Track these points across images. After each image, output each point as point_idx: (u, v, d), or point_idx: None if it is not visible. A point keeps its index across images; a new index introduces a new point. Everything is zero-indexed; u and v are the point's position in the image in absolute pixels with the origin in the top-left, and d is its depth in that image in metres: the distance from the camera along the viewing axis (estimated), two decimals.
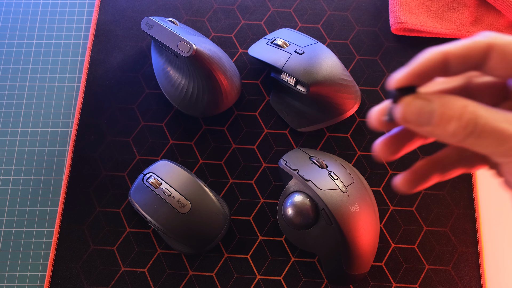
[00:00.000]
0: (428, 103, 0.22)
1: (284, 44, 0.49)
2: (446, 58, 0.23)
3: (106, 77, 0.53)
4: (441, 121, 0.22)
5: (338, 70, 0.49)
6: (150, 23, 0.48)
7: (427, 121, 0.22)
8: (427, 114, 0.22)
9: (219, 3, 0.56)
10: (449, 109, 0.21)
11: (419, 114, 0.22)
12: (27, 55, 0.54)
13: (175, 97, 0.48)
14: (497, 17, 0.54)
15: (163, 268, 0.46)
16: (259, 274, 0.46)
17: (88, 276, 0.46)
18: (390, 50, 0.54)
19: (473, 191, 0.48)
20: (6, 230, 0.48)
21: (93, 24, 0.55)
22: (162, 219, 0.44)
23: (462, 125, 0.21)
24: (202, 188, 0.46)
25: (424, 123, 0.22)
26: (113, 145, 0.50)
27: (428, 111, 0.22)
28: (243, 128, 0.51)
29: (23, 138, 0.51)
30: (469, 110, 0.21)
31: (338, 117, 0.50)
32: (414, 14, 0.54)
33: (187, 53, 0.45)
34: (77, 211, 0.48)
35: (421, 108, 0.22)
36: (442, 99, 0.22)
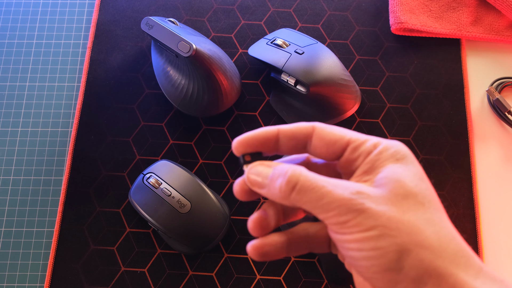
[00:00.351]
0: (267, 168, 0.27)
1: (284, 44, 0.49)
2: (277, 133, 0.28)
3: (106, 77, 0.53)
4: (272, 179, 0.26)
5: (338, 70, 0.49)
6: (150, 23, 0.48)
7: (263, 181, 0.26)
8: (265, 175, 0.26)
9: (219, 3, 0.56)
10: (279, 169, 0.26)
11: (259, 176, 0.27)
12: (27, 55, 0.54)
13: (175, 97, 0.48)
14: (497, 17, 0.54)
15: (163, 268, 0.46)
16: (259, 274, 0.46)
17: (88, 276, 0.46)
18: (390, 50, 0.54)
19: (473, 191, 0.48)
20: (6, 230, 0.48)
21: (93, 24, 0.55)
22: (162, 219, 0.44)
23: (286, 180, 0.25)
24: (202, 188, 0.46)
25: (262, 185, 0.26)
26: (113, 145, 0.50)
27: (266, 173, 0.26)
28: (243, 128, 0.51)
29: (23, 138, 0.51)
30: (292, 169, 0.25)
31: (338, 117, 0.50)
32: (414, 14, 0.54)
33: (187, 53, 0.45)
34: (77, 211, 0.48)
35: (261, 171, 0.27)
36: (277, 164, 0.27)
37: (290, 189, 0.25)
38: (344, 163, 0.27)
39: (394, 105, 0.51)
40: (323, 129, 0.27)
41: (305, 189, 0.25)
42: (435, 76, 0.53)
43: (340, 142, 0.27)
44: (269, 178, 0.26)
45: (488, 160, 0.50)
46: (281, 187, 0.25)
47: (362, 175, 0.26)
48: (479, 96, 0.52)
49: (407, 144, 0.50)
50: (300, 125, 0.28)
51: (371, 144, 0.26)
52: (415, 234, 0.23)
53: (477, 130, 0.51)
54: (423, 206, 0.24)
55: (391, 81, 0.52)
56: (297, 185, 0.25)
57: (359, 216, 0.23)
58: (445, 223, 0.24)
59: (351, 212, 0.24)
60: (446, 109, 0.51)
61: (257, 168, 0.27)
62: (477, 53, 0.54)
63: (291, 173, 0.25)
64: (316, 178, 0.25)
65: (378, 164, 0.25)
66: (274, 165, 0.27)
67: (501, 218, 0.48)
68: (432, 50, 0.54)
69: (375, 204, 0.24)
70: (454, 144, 0.50)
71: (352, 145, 0.26)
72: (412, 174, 0.25)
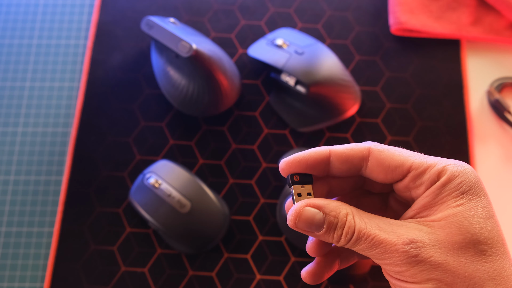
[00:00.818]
0: (318, 214, 0.24)
1: (284, 44, 0.49)
2: (329, 155, 0.26)
3: (107, 77, 0.53)
4: (327, 230, 0.24)
5: (338, 70, 0.49)
6: (150, 23, 0.48)
7: (316, 229, 0.25)
8: (318, 224, 0.24)
9: (219, 3, 0.56)
10: (333, 217, 0.24)
11: (311, 225, 0.25)
12: (28, 55, 0.54)
13: (175, 97, 0.49)
14: (497, 17, 0.54)
15: (163, 268, 0.46)
16: (259, 274, 0.46)
17: (88, 276, 0.46)
18: (390, 50, 0.54)
19: None
20: (6, 230, 0.48)
21: (93, 25, 0.55)
22: (162, 219, 0.44)
23: (344, 233, 0.24)
24: (202, 188, 0.46)
25: (313, 231, 0.25)
26: (113, 145, 0.50)
27: (318, 222, 0.24)
28: (243, 128, 0.51)
29: (24, 138, 0.51)
30: (349, 219, 0.24)
31: (338, 117, 0.50)
32: (413, 14, 0.54)
33: (187, 53, 0.45)
34: (77, 211, 0.48)
35: (312, 219, 0.24)
36: (327, 204, 0.25)
37: (347, 241, 0.24)
38: (402, 188, 0.26)
39: (394, 105, 0.51)
40: (382, 153, 0.25)
41: (359, 239, 0.24)
42: (435, 76, 0.53)
43: (401, 169, 0.25)
44: (324, 229, 0.24)
45: (488, 160, 0.50)
46: (338, 239, 0.24)
47: (420, 210, 0.24)
48: (479, 96, 0.52)
49: (407, 144, 0.50)
50: (355, 147, 0.26)
51: (435, 172, 0.24)
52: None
53: (477, 130, 0.51)
54: (484, 255, 0.23)
55: (391, 81, 0.52)
56: (354, 235, 0.24)
57: (412, 268, 0.22)
58: (507, 272, 0.23)
59: (404, 264, 0.23)
60: (446, 109, 0.51)
61: (307, 212, 0.24)
62: (477, 53, 0.54)
63: (347, 226, 0.24)
64: (368, 224, 0.24)
65: (439, 200, 0.24)
66: (324, 206, 0.25)
67: (501, 218, 0.48)
68: (432, 50, 0.54)
69: (430, 254, 0.22)
70: (454, 144, 0.50)
71: (413, 173, 0.24)
72: (476, 214, 0.23)
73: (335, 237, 0.24)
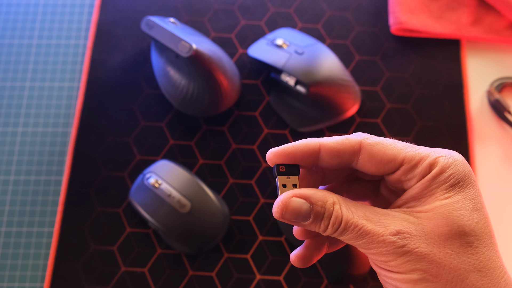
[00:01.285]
0: (304, 204, 0.24)
1: (284, 44, 0.49)
2: (319, 148, 0.25)
3: (107, 77, 0.53)
4: (314, 221, 0.24)
5: (338, 70, 0.49)
6: (150, 23, 0.48)
7: (303, 219, 0.24)
8: (304, 215, 0.24)
9: (219, 3, 0.56)
10: (319, 207, 0.24)
11: (298, 216, 0.24)
12: (28, 55, 0.54)
13: (175, 97, 0.49)
14: (497, 17, 0.54)
15: (163, 268, 0.46)
16: (259, 274, 0.46)
17: (88, 276, 0.46)
18: (390, 50, 0.54)
19: None
20: (6, 230, 0.48)
21: (93, 25, 0.55)
22: (162, 219, 0.44)
23: (330, 223, 0.24)
24: (202, 188, 0.46)
25: (300, 221, 0.25)
26: (113, 145, 0.50)
27: (305, 213, 0.24)
28: (243, 128, 0.51)
29: (24, 138, 0.51)
30: (336, 209, 0.24)
31: (338, 117, 0.50)
32: (413, 14, 0.54)
33: (187, 53, 0.45)
34: (77, 211, 0.48)
35: (298, 209, 0.24)
36: (313, 193, 0.24)
37: (333, 231, 0.24)
38: (394, 181, 0.26)
39: (394, 105, 0.51)
40: (373, 146, 0.25)
41: (346, 229, 0.24)
42: (435, 76, 0.53)
43: (394, 163, 0.25)
44: (311, 219, 0.24)
45: (488, 160, 0.50)
46: (324, 229, 0.24)
47: (409, 200, 0.25)
48: (479, 96, 0.52)
49: None
50: (345, 141, 0.25)
51: (427, 165, 0.24)
52: (456, 282, 0.22)
53: (477, 130, 0.51)
54: (471, 247, 0.23)
55: (391, 81, 0.52)
56: (341, 225, 0.24)
57: (398, 258, 0.23)
58: (494, 264, 0.23)
59: (390, 254, 0.23)
60: (446, 109, 0.51)
61: (293, 203, 0.24)
62: (477, 53, 0.54)
63: (334, 216, 0.24)
64: (355, 214, 0.24)
65: (428, 192, 0.24)
66: (310, 195, 0.24)
67: (501, 218, 0.48)
68: (432, 50, 0.54)
69: (416, 245, 0.22)
70: (454, 144, 0.50)
71: (406, 166, 0.24)
72: (463, 206, 0.23)
73: (322, 227, 0.24)
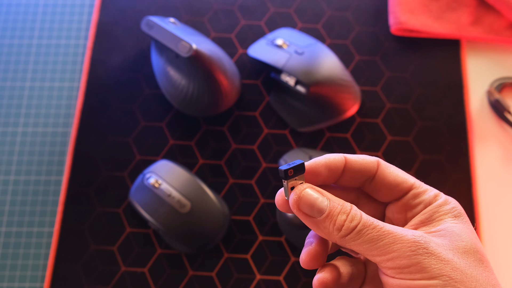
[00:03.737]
0: (321, 197, 0.24)
1: (284, 44, 0.49)
2: (345, 160, 0.26)
3: (107, 77, 0.53)
4: (330, 214, 0.24)
5: (338, 70, 0.49)
6: (150, 23, 0.48)
7: (318, 212, 0.24)
8: (320, 208, 0.24)
9: (219, 3, 0.56)
10: (337, 203, 0.24)
11: (313, 207, 0.24)
12: (28, 55, 0.54)
13: (175, 97, 0.49)
14: (497, 17, 0.54)
15: (163, 268, 0.46)
16: (259, 274, 0.46)
17: (88, 276, 0.46)
18: (390, 50, 0.54)
19: (473, 191, 0.48)
20: (6, 230, 0.48)
21: (93, 25, 0.55)
22: (162, 219, 0.44)
23: (349, 217, 0.23)
24: (202, 188, 0.46)
25: (315, 214, 0.24)
26: (113, 145, 0.50)
27: (321, 205, 0.24)
28: (243, 128, 0.51)
29: (24, 138, 0.51)
30: (354, 209, 0.24)
31: (338, 117, 0.50)
32: (413, 14, 0.54)
33: (187, 53, 0.45)
34: (77, 211, 0.48)
35: (314, 201, 0.24)
36: (332, 197, 0.24)
37: (349, 231, 0.23)
38: (399, 207, 0.26)
39: (394, 105, 0.51)
40: (388, 167, 0.26)
41: (366, 227, 0.23)
42: (435, 76, 0.53)
43: (403, 185, 0.25)
44: (327, 212, 0.24)
45: (488, 160, 0.50)
46: (340, 226, 0.23)
47: (419, 224, 0.25)
48: (479, 96, 0.52)
49: (407, 144, 0.50)
50: (366, 157, 0.26)
51: (432, 194, 0.25)
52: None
53: (477, 130, 0.51)
54: (483, 264, 0.23)
55: (391, 81, 0.52)
56: (359, 224, 0.23)
57: (423, 260, 0.22)
58: (499, 286, 0.24)
59: (415, 255, 0.22)
60: (446, 109, 0.51)
61: (309, 194, 0.24)
62: (477, 53, 0.54)
63: (352, 214, 0.23)
64: (377, 221, 0.23)
65: (437, 216, 0.25)
66: (328, 195, 0.24)
67: (501, 218, 0.48)
68: (432, 50, 0.54)
69: (439, 250, 0.22)
70: (454, 144, 0.50)
71: (414, 191, 0.25)
72: (469, 232, 0.24)
73: (337, 223, 0.23)
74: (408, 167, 0.49)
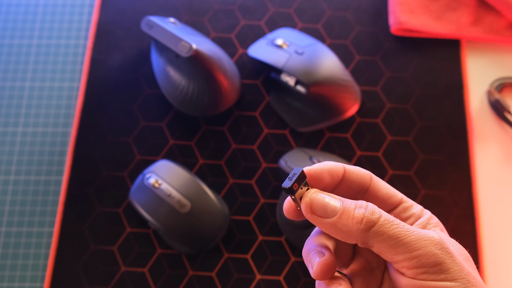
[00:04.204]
0: (332, 197, 0.24)
1: (284, 44, 0.49)
2: (344, 169, 0.26)
3: (107, 77, 0.53)
4: (346, 210, 0.23)
5: (338, 70, 0.49)
6: (150, 23, 0.48)
7: (332, 211, 0.23)
8: (333, 204, 0.24)
9: (219, 3, 0.56)
10: (350, 201, 0.24)
11: (325, 206, 0.24)
12: (28, 55, 0.54)
13: (175, 97, 0.49)
14: (497, 17, 0.54)
15: (163, 268, 0.46)
16: (259, 274, 0.46)
17: (88, 276, 0.46)
18: (390, 50, 0.54)
19: (473, 191, 0.48)
20: (6, 230, 0.48)
21: (93, 25, 0.55)
22: (162, 219, 0.44)
23: (368, 211, 0.23)
24: (202, 188, 0.46)
25: (329, 214, 0.24)
26: (113, 145, 0.50)
27: (333, 205, 0.24)
28: (243, 128, 0.51)
29: (24, 138, 0.51)
30: (372, 205, 0.24)
31: (338, 117, 0.50)
32: (413, 14, 0.54)
33: (187, 53, 0.45)
34: (77, 211, 0.48)
35: (328, 200, 0.24)
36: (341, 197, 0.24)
37: (373, 221, 0.23)
38: None
39: (394, 105, 0.51)
40: (379, 181, 0.26)
41: (389, 222, 0.23)
42: (435, 76, 0.53)
43: (394, 199, 0.26)
44: (342, 209, 0.23)
45: (488, 160, 0.50)
46: (360, 218, 0.23)
47: None
48: (479, 96, 0.52)
49: (407, 144, 0.50)
50: (362, 169, 0.26)
51: (420, 208, 0.26)
52: None
53: (477, 130, 0.51)
54: (476, 270, 0.24)
55: (391, 81, 0.52)
56: (381, 218, 0.23)
57: (447, 260, 0.22)
58: None
59: (441, 255, 0.22)
60: (446, 109, 0.51)
61: (321, 197, 0.24)
62: (477, 53, 0.54)
63: (371, 205, 0.23)
64: (395, 219, 0.23)
65: (429, 228, 0.25)
66: (338, 196, 0.24)
67: (501, 218, 0.48)
68: (432, 50, 0.54)
69: (456, 253, 0.23)
70: (454, 144, 0.50)
71: (403, 205, 0.26)
72: (459, 245, 0.25)
73: (356, 216, 0.23)
74: (408, 167, 0.49)
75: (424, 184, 0.49)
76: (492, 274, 0.46)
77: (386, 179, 0.49)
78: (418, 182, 0.49)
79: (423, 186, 0.49)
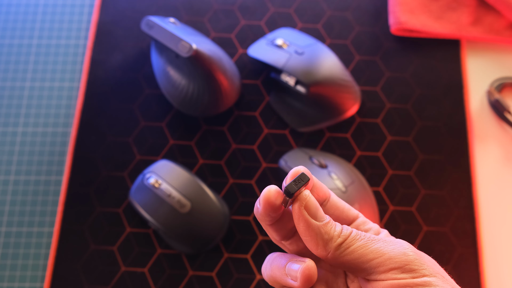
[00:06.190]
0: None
1: (284, 44, 0.49)
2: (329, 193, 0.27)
3: (107, 77, 0.53)
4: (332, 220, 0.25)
5: (338, 70, 0.49)
6: (150, 23, 0.48)
7: (321, 216, 0.24)
8: (323, 212, 0.25)
9: (219, 3, 0.56)
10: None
11: (317, 208, 0.24)
12: (28, 55, 0.54)
13: (175, 97, 0.49)
14: (497, 17, 0.54)
15: (163, 268, 0.46)
16: (259, 274, 0.46)
17: (88, 276, 0.46)
18: (390, 50, 0.54)
19: (473, 191, 0.48)
20: (6, 230, 0.48)
21: (93, 25, 0.55)
22: (162, 219, 0.44)
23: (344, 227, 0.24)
24: (202, 188, 0.46)
25: (318, 218, 0.24)
26: (113, 145, 0.50)
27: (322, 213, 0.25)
28: (243, 128, 0.51)
29: (24, 138, 0.51)
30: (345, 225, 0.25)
31: (338, 117, 0.50)
32: (413, 14, 0.54)
33: (187, 53, 0.45)
34: (77, 211, 0.48)
35: (319, 206, 0.25)
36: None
37: (345, 236, 0.24)
38: None
39: (394, 105, 0.51)
40: (336, 198, 0.27)
41: (359, 234, 0.24)
42: (435, 76, 0.53)
43: (352, 212, 0.27)
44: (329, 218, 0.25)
45: (488, 160, 0.50)
46: (339, 231, 0.24)
47: None
48: (479, 96, 0.52)
49: (407, 144, 0.50)
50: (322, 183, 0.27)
51: (377, 225, 0.27)
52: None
53: (477, 130, 0.51)
54: (445, 272, 0.26)
55: (391, 81, 0.52)
56: (352, 232, 0.24)
57: (422, 258, 0.23)
58: None
59: (413, 254, 0.23)
60: (446, 109, 0.51)
61: (315, 201, 0.25)
62: (477, 53, 0.54)
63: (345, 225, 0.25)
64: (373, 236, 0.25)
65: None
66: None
67: (501, 218, 0.48)
68: (432, 50, 0.54)
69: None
70: (454, 144, 0.50)
71: (361, 219, 0.27)
72: None
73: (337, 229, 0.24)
74: (408, 167, 0.49)
75: (424, 184, 0.49)
76: (492, 274, 0.46)
77: (386, 179, 0.49)
78: (418, 182, 0.49)
79: (423, 186, 0.49)
